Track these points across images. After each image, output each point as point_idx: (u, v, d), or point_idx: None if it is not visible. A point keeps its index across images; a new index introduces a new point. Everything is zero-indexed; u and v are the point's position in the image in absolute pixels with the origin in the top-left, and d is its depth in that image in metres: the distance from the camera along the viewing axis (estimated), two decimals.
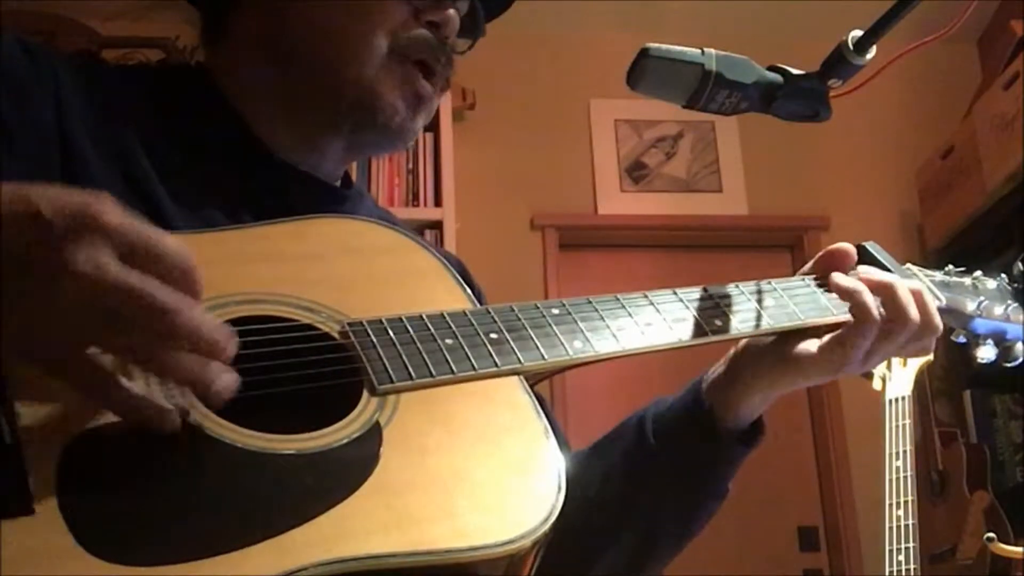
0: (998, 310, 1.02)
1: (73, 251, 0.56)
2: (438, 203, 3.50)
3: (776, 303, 0.91)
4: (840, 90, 0.90)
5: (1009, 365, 1.04)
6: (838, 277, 0.92)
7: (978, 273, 1.06)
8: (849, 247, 0.96)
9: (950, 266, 1.05)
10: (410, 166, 3.57)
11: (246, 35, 0.94)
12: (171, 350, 0.59)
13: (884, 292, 0.90)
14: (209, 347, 0.60)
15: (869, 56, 0.88)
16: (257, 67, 0.93)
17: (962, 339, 1.04)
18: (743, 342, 0.94)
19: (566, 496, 0.68)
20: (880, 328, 0.89)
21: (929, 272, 1.02)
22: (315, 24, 0.91)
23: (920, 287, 0.92)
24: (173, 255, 0.60)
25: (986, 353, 1.03)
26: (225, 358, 0.61)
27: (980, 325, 1.02)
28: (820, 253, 0.97)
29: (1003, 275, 1.06)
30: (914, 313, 0.90)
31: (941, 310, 0.97)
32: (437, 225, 3.44)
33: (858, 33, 0.88)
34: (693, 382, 0.97)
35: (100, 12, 3.67)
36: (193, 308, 0.59)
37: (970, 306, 1.01)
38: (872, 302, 0.89)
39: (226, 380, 0.62)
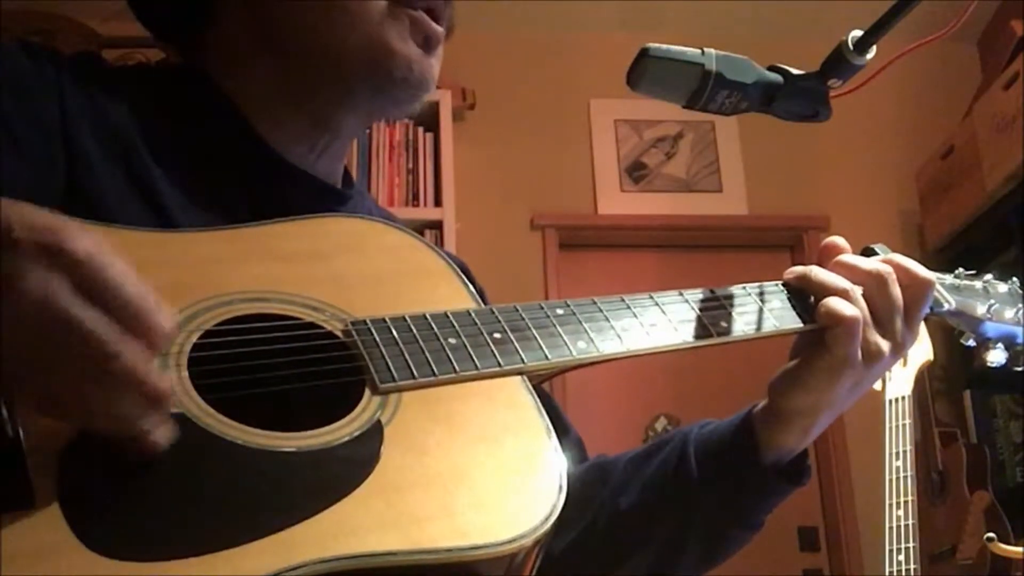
0: (1009, 314, 1.00)
1: (28, 271, 0.55)
2: (438, 203, 3.50)
3: (782, 304, 0.90)
4: (840, 90, 0.90)
5: (1019, 369, 1.03)
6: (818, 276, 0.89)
7: (989, 276, 1.03)
8: (839, 241, 0.94)
9: (960, 269, 1.03)
10: (410, 166, 3.57)
11: (233, 37, 0.94)
12: (105, 393, 0.57)
13: (869, 281, 0.88)
14: (144, 396, 0.58)
15: (869, 56, 0.88)
16: (253, 65, 0.93)
17: (972, 342, 1.02)
18: (779, 370, 0.91)
19: (597, 498, 0.67)
20: (862, 323, 0.86)
21: (940, 275, 0.99)
22: (304, 3, 0.90)
23: (887, 267, 0.90)
24: (129, 297, 0.58)
25: (996, 357, 1.01)
26: (162, 410, 0.60)
27: (990, 329, 1.00)
28: (820, 245, 0.95)
29: (1015, 278, 1.05)
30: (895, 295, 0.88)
31: (950, 313, 0.96)
32: (437, 225, 3.44)
33: (858, 33, 0.88)
34: (742, 412, 0.94)
35: (100, 12, 3.67)
36: (136, 352, 0.57)
37: (980, 309, 0.99)
38: (839, 306, 0.86)
39: (158, 436, 0.60)
